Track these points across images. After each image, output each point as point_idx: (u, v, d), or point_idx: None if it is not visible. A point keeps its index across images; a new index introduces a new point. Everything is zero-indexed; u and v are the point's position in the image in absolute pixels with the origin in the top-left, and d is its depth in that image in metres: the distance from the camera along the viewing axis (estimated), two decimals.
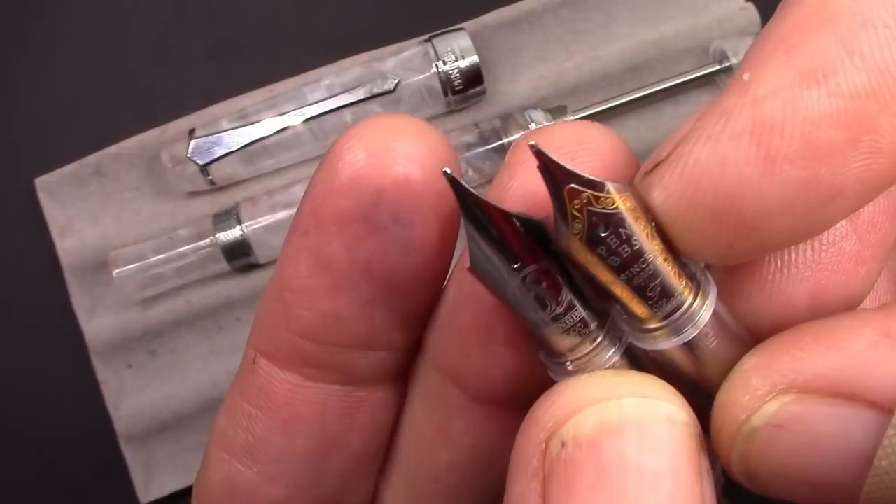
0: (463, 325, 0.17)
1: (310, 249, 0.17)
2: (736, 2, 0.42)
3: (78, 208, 0.39)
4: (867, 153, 0.13)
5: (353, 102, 0.37)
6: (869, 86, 0.13)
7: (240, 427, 0.19)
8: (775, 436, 0.15)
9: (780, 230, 0.14)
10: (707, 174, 0.14)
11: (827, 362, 0.14)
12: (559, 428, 0.14)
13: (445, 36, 0.38)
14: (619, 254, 0.14)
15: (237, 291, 0.38)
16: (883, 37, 0.13)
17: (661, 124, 0.40)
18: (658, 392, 0.14)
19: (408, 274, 0.17)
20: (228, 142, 0.37)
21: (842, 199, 0.14)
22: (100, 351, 0.38)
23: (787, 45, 0.14)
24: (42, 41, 0.41)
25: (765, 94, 0.13)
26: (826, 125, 0.13)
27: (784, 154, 0.13)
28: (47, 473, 0.38)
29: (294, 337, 0.18)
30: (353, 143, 0.16)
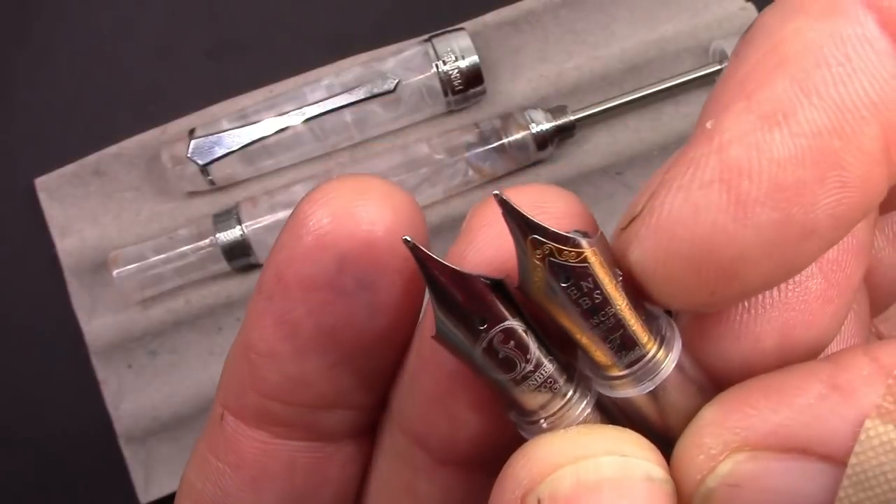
0: (425, 391, 0.17)
1: (274, 314, 0.16)
2: (736, 2, 0.42)
3: (78, 208, 0.39)
4: (836, 189, 0.13)
5: (353, 102, 0.37)
6: (829, 123, 0.13)
7: (209, 481, 0.19)
8: (732, 495, 0.14)
9: (759, 273, 0.14)
10: (681, 224, 0.14)
11: (777, 418, 0.14)
12: (535, 486, 0.14)
13: (445, 36, 0.38)
14: (581, 304, 0.14)
15: (237, 291, 0.38)
16: (837, 74, 0.13)
17: (661, 124, 0.40)
18: (635, 450, 0.14)
19: (373, 336, 0.17)
20: (228, 142, 0.37)
21: (816, 236, 0.14)
22: (100, 351, 0.38)
23: (745, 90, 0.14)
24: (42, 41, 0.41)
25: (729, 141, 0.13)
26: (792, 165, 0.13)
27: (754, 197, 0.13)
28: (47, 473, 0.38)
29: (260, 398, 0.18)
30: (316, 208, 0.16)
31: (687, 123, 0.40)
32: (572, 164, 0.40)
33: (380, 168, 0.38)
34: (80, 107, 0.41)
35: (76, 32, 0.41)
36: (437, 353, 0.16)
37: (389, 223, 0.16)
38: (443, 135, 0.38)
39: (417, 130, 0.40)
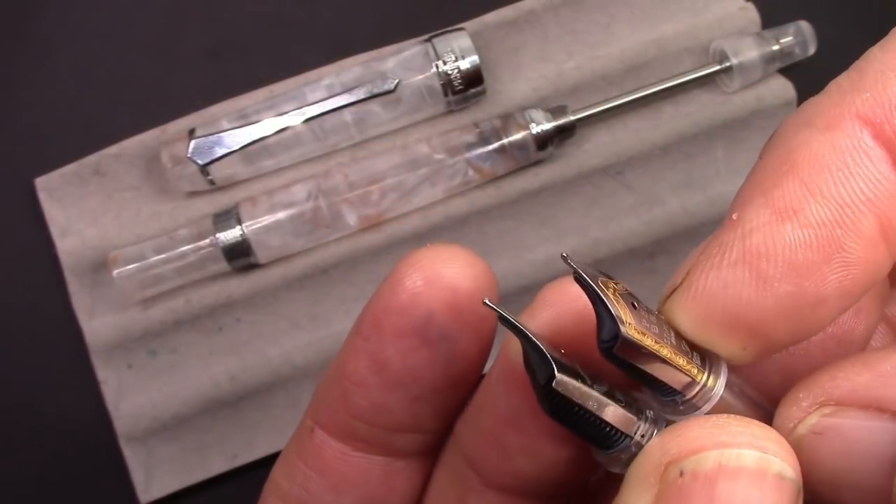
0: (484, 426, 0.20)
1: (368, 352, 0.20)
2: (736, 2, 0.42)
3: (78, 208, 0.39)
4: (840, 267, 0.17)
5: (353, 102, 0.37)
6: (832, 216, 0.17)
7: (295, 483, 0.22)
8: (817, 443, 0.17)
9: (781, 333, 0.17)
10: (713, 296, 0.17)
11: (859, 379, 0.17)
12: (681, 459, 0.16)
13: (445, 36, 0.38)
14: (653, 321, 0.17)
15: (237, 291, 0.38)
16: (838, 178, 0.17)
17: (661, 124, 0.40)
18: (775, 448, 0.16)
19: (448, 379, 0.20)
20: (228, 142, 0.37)
21: (827, 304, 0.17)
22: (100, 351, 0.38)
23: (763, 188, 0.17)
24: (42, 41, 0.41)
25: (751, 230, 0.17)
26: (802, 249, 0.17)
27: (772, 274, 0.17)
28: (47, 473, 0.38)
29: (349, 417, 0.21)
30: (412, 271, 0.19)
31: (687, 123, 0.40)
32: (572, 164, 0.40)
33: (380, 168, 0.38)
34: (80, 107, 0.41)
35: (76, 32, 0.41)
36: (497, 401, 0.20)
37: (471, 288, 0.19)
38: (443, 135, 0.38)
39: (417, 130, 0.40)
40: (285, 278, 0.39)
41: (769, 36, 0.40)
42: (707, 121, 0.40)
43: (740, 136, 0.41)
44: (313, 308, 0.39)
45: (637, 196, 0.40)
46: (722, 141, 0.41)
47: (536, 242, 0.40)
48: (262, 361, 0.38)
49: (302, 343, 0.39)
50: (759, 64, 0.40)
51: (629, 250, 0.40)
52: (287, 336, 0.39)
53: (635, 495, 0.16)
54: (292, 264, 0.39)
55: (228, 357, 0.39)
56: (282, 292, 0.39)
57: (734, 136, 0.41)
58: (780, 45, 0.40)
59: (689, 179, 0.41)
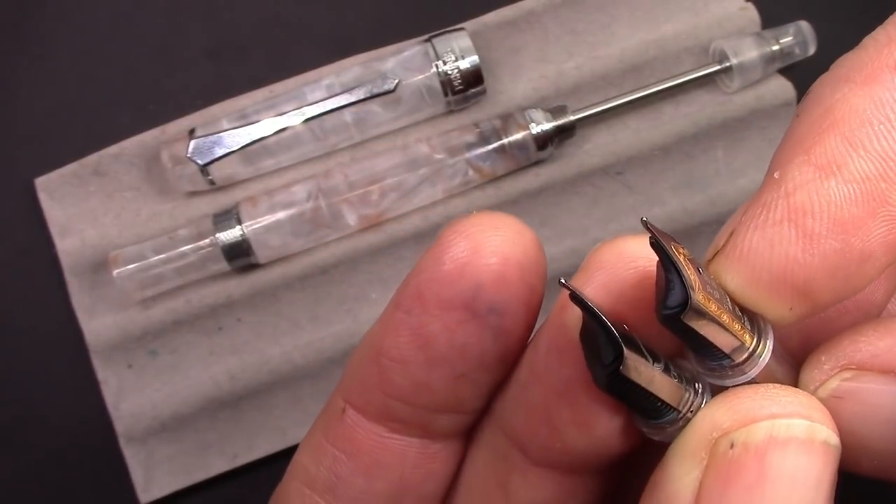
0: (532, 402, 0.19)
1: (411, 326, 0.19)
2: (736, 2, 0.42)
3: (78, 208, 0.39)
4: (886, 221, 0.17)
5: (353, 102, 0.37)
6: (875, 170, 0.16)
7: (323, 466, 0.21)
8: (837, 406, 0.17)
9: (827, 291, 0.17)
10: (760, 256, 0.17)
11: (881, 344, 0.17)
12: (732, 431, 0.16)
13: (445, 36, 0.38)
14: (715, 287, 0.17)
15: (237, 291, 0.38)
16: (879, 131, 0.17)
17: (661, 124, 0.40)
18: (820, 416, 0.17)
19: (495, 355, 0.19)
20: (228, 142, 0.37)
21: (873, 259, 0.17)
22: (100, 351, 0.38)
23: (804, 146, 0.17)
24: (42, 41, 0.41)
25: (794, 188, 0.17)
26: (847, 205, 0.17)
27: (818, 231, 0.17)
28: (47, 473, 0.38)
29: (386, 397, 0.20)
30: (459, 239, 0.18)
31: (687, 123, 0.40)
32: (572, 164, 0.40)
33: (380, 168, 0.38)
34: (80, 107, 0.41)
35: (76, 32, 0.41)
36: (548, 372, 0.19)
37: (520, 258, 0.18)
38: (443, 135, 0.38)
39: (417, 130, 0.40)
40: (285, 278, 0.39)
41: (769, 36, 0.40)
42: (707, 121, 0.40)
43: (740, 136, 0.41)
44: (313, 308, 0.39)
45: (637, 196, 0.40)
46: (722, 141, 0.41)
47: None
48: (263, 361, 0.38)
49: (302, 343, 0.39)
50: (759, 64, 0.40)
51: None
52: (287, 336, 0.39)
53: (684, 469, 0.16)
54: (292, 264, 0.39)
55: (228, 357, 0.39)
56: (282, 292, 0.39)
57: (734, 136, 0.41)
58: (780, 45, 0.40)
59: (689, 179, 0.41)
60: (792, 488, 0.16)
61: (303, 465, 0.22)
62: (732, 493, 0.16)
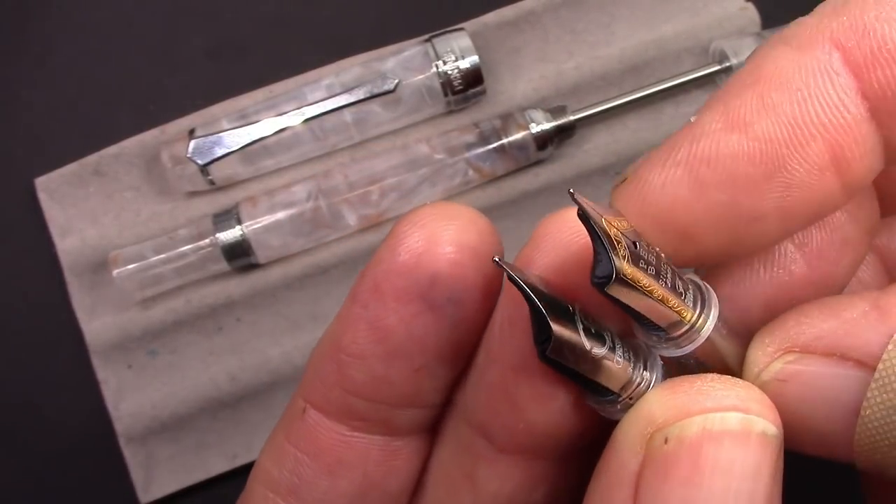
0: (491, 382, 0.19)
1: (368, 320, 0.19)
2: (736, 2, 0.42)
3: (78, 208, 0.39)
4: (781, 187, 0.17)
5: (353, 102, 0.37)
6: (780, 134, 0.17)
7: (285, 469, 0.21)
8: (781, 389, 0.17)
9: (712, 242, 0.17)
10: (651, 192, 0.17)
11: (825, 326, 0.17)
12: (666, 427, 0.16)
13: (445, 36, 0.38)
14: (651, 262, 0.17)
15: (237, 291, 0.38)
16: (795, 97, 0.17)
17: (661, 124, 0.40)
18: (758, 407, 0.16)
19: (454, 345, 0.19)
20: (228, 142, 0.37)
21: (763, 222, 0.17)
22: (100, 351, 0.38)
23: (725, 97, 0.17)
24: (42, 41, 0.41)
25: (700, 134, 0.17)
26: (744, 162, 0.17)
27: (710, 180, 0.17)
28: (47, 473, 0.38)
29: (346, 394, 0.20)
30: (413, 230, 0.18)
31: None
32: (572, 164, 0.40)
33: (380, 168, 0.38)
34: (80, 107, 0.41)
35: (76, 32, 0.41)
36: (503, 349, 0.18)
37: (475, 246, 0.18)
38: (443, 135, 0.38)
39: (417, 130, 0.40)
40: (285, 278, 0.39)
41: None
42: None
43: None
44: (313, 308, 0.39)
45: None
46: None
47: None
48: (262, 361, 0.38)
49: (302, 343, 0.39)
50: None
51: None
52: (287, 336, 0.39)
53: (622, 461, 0.17)
54: (292, 264, 0.39)
55: (228, 357, 0.39)
56: (282, 292, 0.39)
57: None
58: None
59: None
60: (728, 480, 0.16)
61: (265, 469, 0.21)
62: (669, 487, 0.16)
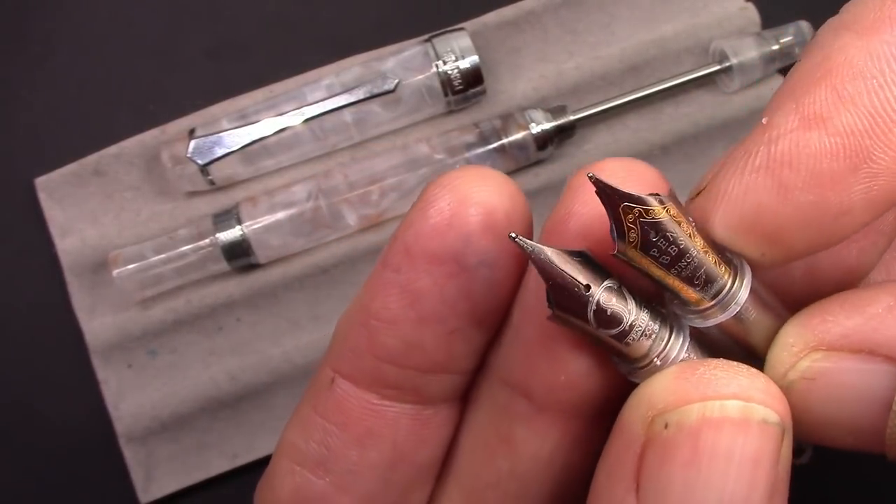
0: (528, 338, 0.19)
1: (400, 284, 0.18)
2: (736, 1, 0.42)
3: (78, 208, 0.39)
4: (867, 178, 0.16)
5: (353, 102, 0.37)
6: (861, 125, 0.16)
7: (313, 440, 0.20)
8: (809, 388, 0.17)
9: (799, 242, 0.17)
10: (734, 202, 0.17)
11: (850, 324, 0.17)
12: (666, 412, 0.16)
13: (445, 36, 0.38)
14: (668, 253, 0.17)
15: (237, 291, 0.38)
16: (871, 86, 0.16)
17: (662, 124, 0.40)
18: (760, 395, 0.16)
19: (487, 308, 0.19)
20: (228, 142, 0.37)
21: (851, 215, 0.17)
22: (100, 351, 0.38)
23: (794, 94, 0.17)
24: (42, 41, 0.41)
25: (777, 136, 0.17)
26: (827, 159, 0.16)
27: (794, 182, 0.17)
28: (47, 473, 0.38)
29: (377, 361, 0.19)
30: (444, 192, 0.18)
31: (687, 123, 0.40)
32: (572, 164, 0.40)
33: (380, 168, 0.38)
34: (80, 107, 0.41)
35: (76, 32, 0.41)
36: (539, 303, 0.18)
37: (507, 208, 0.18)
38: (443, 135, 0.38)
39: (417, 130, 0.40)
40: (285, 278, 0.39)
41: (769, 36, 0.40)
42: (707, 121, 0.40)
43: (740, 136, 0.40)
44: (313, 308, 0.39)
45: None
46: (722, 141, 0.41)
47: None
48: (262, 361, 0.38)
49: (302, 343, 0.39)
50: (759, 64, 0.40)
51: None
52: (287, 336, 0.39)
53: (625, 443, 0.17)
54: (292, 264, 0.39)
55: (228, 357, 0.39)
56: (282, 292, 0.39)
57: (734, 136, 0.41)
58: (779, 45, 0.40)
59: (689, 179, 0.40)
60: (728, 466, 0.16)
61: (291, 443, 0.21)
62: (669, 470, 0.16)
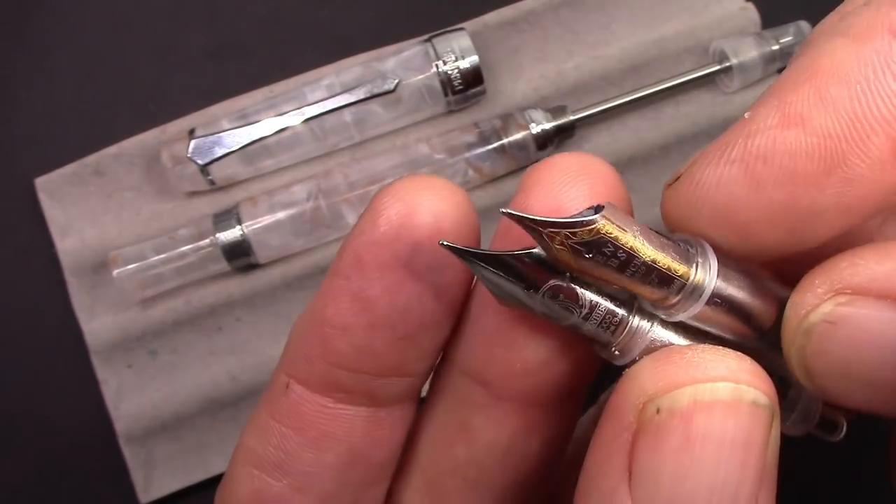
0: (485, 327, 0.20)
1: (351, 291, 0.19)
2: (736, 1, 0.42)
3: (78, 208, 0.39)
4: (840, 183, 0.16)
5: (353, 102, 0.37)
6: (840, 128, 0.16)
7: (270, 445, 0.21)
8: (829, 332, 0.17)
9: (769, 238, 0.17)
10: (706, 191, 0.17)
11: (880, 268, 0.17)
12: (658, 397, 0.16)
13: (445, 36, 0.38)
14: (611, 265, 0.17)
15: (237, 291, 0.38)
16: (854, 91, 0.16)
17: (662, 124, 0.40)
18: (748, 377, 0.16)
19: (436, 313, 0.19)
20: (228, 142, 0.37)
21: (822, 219, 0.17)
22: (100, 351, 0.38)
23: (780, 92, 0.17)
24: (42, 41, 0.41)
25: (756, 130, 0.17)
26: (802, 158, 0.16)
27: (766, 178, 0.17)
28: (47, 473, 0.38)
29: (330, 367, 0.20)
30: (392, 201, 0.18)
31: (687, 123, 0.40)
32: None
33: (380, 168, 0.38)
34: (80, 107, 0.41)
35: (76, 32, 0.41)
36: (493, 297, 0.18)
37: (455, 216, 0.19)
38: (443, 135, 0.38)
39: (417, 130, 0.40)
40: (285, 278, 0.39)
41: (769, 36, 0.40)
42: (707, 121, 0.40)
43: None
44: None
45: (637, 196, 0.40)
46: None
47: None
48: (262, 361, 0.38)
49: None
50: (759, 64, 0.40)
51: None
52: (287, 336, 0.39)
53: (616, 431, 0.17)
54: (292, 264, 0.39)
55: (228, 357, 0.39)
56: (282, 292, 0.39)
57: None
58: (779, 44, 0.40)
59: None
60: (719, 449, 0.16)
61: (249, 447, 0.21)
62: (662, 456, 0.16)
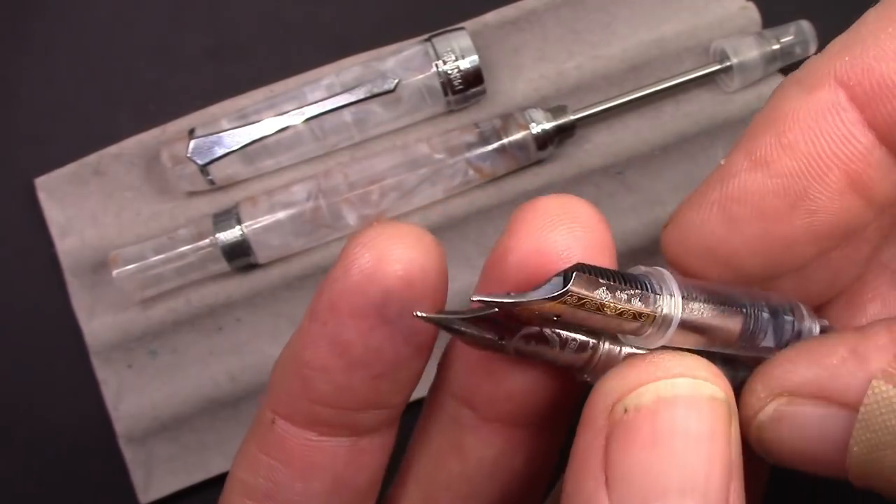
0: (468, 361, 0.22)
1: (328, 336, 0.20)
2: (737, 1, 0.42)
3: (78, 208, 0.39)
4: (806, 214, 0.19)
5: (353, 102, 0.37)
6: (799, 168, 0.19)
7: (260, 476, 0.22)
8: (776, 427, 0.19)
9: (752, 267, 0.20)
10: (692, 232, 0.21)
11: (809, 373, 0.19)
12: (624, 397, 0.18)
13: (445, 36, 0.38)
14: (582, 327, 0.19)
15: (237, 291, 0.38)
16: (809, 134, 0.19)
17: (662, 124, 0.40)
18: (705, 374, 0.18)
19: (409, 352, 0.21)
20: (228, 142, 0.37)
21: (798, 246, 0.20)
22: (100, 351, 0.38)
23: (747, 139, 0.20)
24: (42, 41, 0.41)
25: (729, 175, 0.20)
26: (770, 196, 0.19)
27: (741, 216, 0.20)
28: (47, 473, 0.38)
29: (311, 404, 0.21)
30: (364, 250, 0.20)
31: (687, 123, 0.40)
32: (572, 164, 0.40)
33: (380, 168, 0.38)
34: (80, 107, 0.41)
35: (76, 32, 0.41)
36: None
37: (423, 262, 0.20)
38: (443, 135, 0.38)
39: (417, 130, 0.40)
40: (285, 278, 0.39)
41: (770, 35, 0.40)
42: (707, 120, 0.40)
43: (741, 136, 0.41)
44: None
45: (637, 196, 0.40)
46: (722, 141, 0.41)
47: None
48: (262, 361, 0.38)
49: None
50: (759, 63, 0.40)
51: (629, 250, 0.40)
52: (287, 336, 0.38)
53: (590, 438, 0.18)
54: (292, 264, 0.39)
55: (228, 357, 0.39)
56: (282, 292, 0.39)
57: (734, 135, 0.41)
58: (780, 44, 0.40)
59: (689, 179, 0.40)
60: (686, 442, 0.17)
61: (239, 479, 0.23)
62: (633, 452, 0.17)
